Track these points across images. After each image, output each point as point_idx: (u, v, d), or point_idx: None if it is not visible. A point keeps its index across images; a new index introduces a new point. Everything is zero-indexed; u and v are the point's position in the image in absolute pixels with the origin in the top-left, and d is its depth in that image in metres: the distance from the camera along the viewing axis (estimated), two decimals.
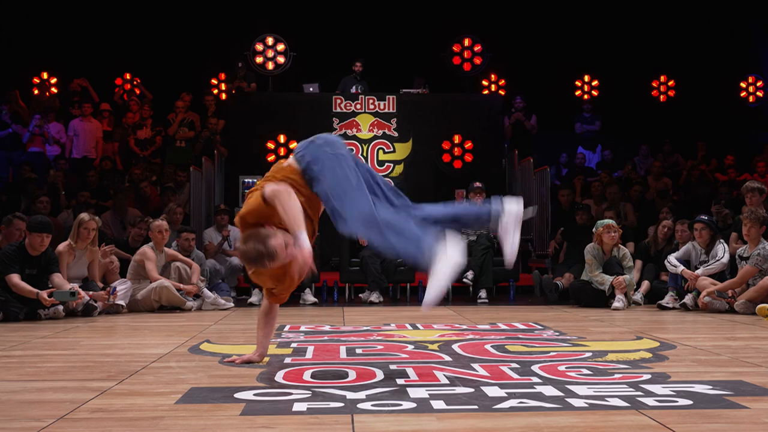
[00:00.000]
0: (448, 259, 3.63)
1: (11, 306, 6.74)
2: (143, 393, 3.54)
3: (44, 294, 6.66)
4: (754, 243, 7.31)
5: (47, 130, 12.71)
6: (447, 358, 4.51)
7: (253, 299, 8.77)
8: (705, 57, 14.86)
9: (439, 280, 3.61)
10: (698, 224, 7.88)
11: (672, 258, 7.96)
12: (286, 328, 6.27)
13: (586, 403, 3.21)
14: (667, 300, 7.85)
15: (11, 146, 12.72)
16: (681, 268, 7.80)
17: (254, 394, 3.42)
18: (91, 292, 7.25)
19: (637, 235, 9.56)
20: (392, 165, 11.96)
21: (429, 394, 3.41)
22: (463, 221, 4.30)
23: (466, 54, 12.86)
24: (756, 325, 6.33)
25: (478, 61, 12.85)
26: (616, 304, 7.77)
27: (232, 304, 8.32)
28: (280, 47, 12.32)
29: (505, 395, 3.38)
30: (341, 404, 3.22)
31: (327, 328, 6.28)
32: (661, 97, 15.45)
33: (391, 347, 5.02)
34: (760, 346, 5.03)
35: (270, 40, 12.33)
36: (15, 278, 6.76)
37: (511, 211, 4.04)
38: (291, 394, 3.43)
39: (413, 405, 3.21)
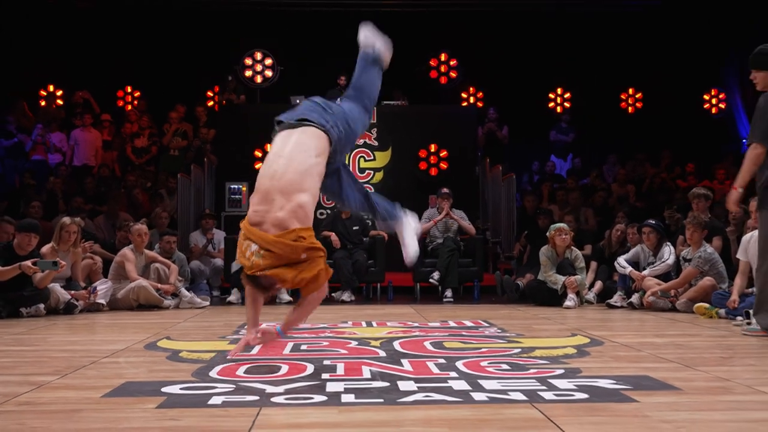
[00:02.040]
0: (411, 222, 4.56)
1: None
2: (77, 387, 3.49)
3: (28, 263, 6.64)
4: (696, 246, 7.27)
5: (49, 140, 12.71)
6: (382, 354, 4.46)
7: (231, 298, 8.75)
8: (671, 71, 14.80)
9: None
10: (646, 228, 7.86)
11: (621, 260, 7.95)
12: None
13: (487, 396, 3.17)
14: (615, 299, 7.82)
15: (17, 155, 12.72)
16: (629, 269, 7.77)
17: (180, 388, 3.38)
18: (72, 291, 7.24)
19: (597, 238, 9.52)
20: (372, 172, 11.91)
21: (344, 389, 3.36)
22: (379, 214, 4.51)
23: (442, 68, 12.84)
24: (691, 323, 6.28)
25: (453, 74, 12.83)
26: (567, 302, 7.75)
27: (208, 303, 8.30)
28: (268, 62, 12.28)
29: (416, 389, 3.33)
30: (257, 398, 3.17)
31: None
32: (630, 108, 15.41)
33: (335, 343, 4.97)
34: (683, 343, 5.00)
35: (258, 55, 12.30)
36: None
37: (410, 223, 4.56)
38: (215, 388, 3.37)
39: (324, 398, 3.17)
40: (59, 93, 14.73)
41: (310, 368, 3.94)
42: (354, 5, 14.45)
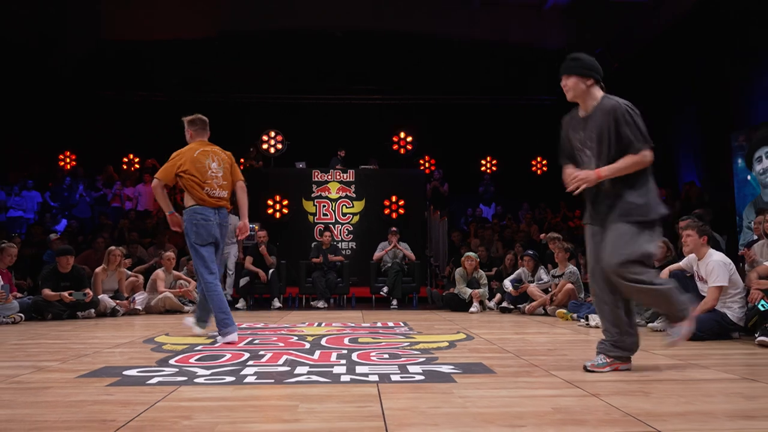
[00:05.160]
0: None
1: (57, 309, 6.66)
2: (64, 370, 3.37)
3: (66, 294, 6.58)
4: (564, 264, 7.19)
5: (124, 192, 12.73)
6: (306, 346, 4.35)
7: (238, 305, 8.66)
8: None
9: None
10: (526, 256, 7.79)
11: (506, 281, 7.77)
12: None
13: (350, 378, 3.08)
14: (504, 304, 7.70)
15: (101, 203, 12.75)
16: (510, 288, 7.63)
17: (137, 371, 3.27)
18: (117, 300, 7.16)
19: (503, 263, 9.43)
20: (351, 216, 11.87)
21: (255, 372, 3.25)
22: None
23: (402, 143, 12.89)
24: (550, 324, 6.14)
25: (410, 147, 12.89)
26: (472, 309, 7.66)
27: None
28: (279, 138, 12.37)
29: (305, 372, 3.24)
30: (185, 378, 3.07)
31: (261, 325, 6.06)
32: (538, 171, 15.40)
33: (281, 338, 4.82)
34: (529, 339, 4.88)
35: (272, 133, 12.40)
36: (46, 291, 6.66)
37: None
38: (162, 372, 3.25)
39: (233, 379, 3.07)
40: (136, 160, 14.81)
41: (246, 356, 3.84)
42: (343, 98, 14.63)
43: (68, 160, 14.22)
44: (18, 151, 12.81)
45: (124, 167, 14.64)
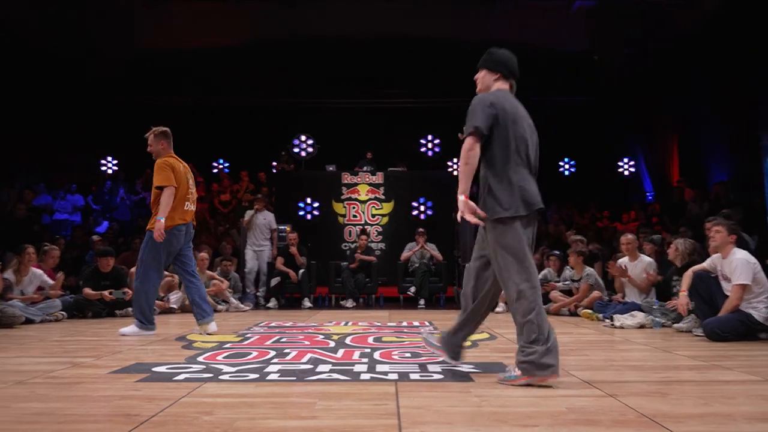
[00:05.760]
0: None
1: (97, 308, 6.81)
2: (97, 366, 3.44)
3: (106, 293, 6.72)
4: (579, 269, 7.07)
5: None
6: (331, 345, 4.36)
7: (270, 304, 8.74)
8: (595, 145, 14.62)
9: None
10: (552, 256, 7.67)
11: None
12: (264, 322, 6.17)
13: (370, 376, 3.08)
14: None
15: (140, 206, 12.99)
16: None
17: (166, 368, 3.31)
18: None
19: None
20: (380, 217, 11.86)
21: (278, 369, 3.27)
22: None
23: (429, 145, 12.83)
24: (575, 324, 6.04)
25: (437, 149, 12.81)
26: (498, 309, 7.53)
27: (250, 308, 8.26)
28: (310, 141, 12.41)
29: (327, 371, 3.24)
30: (211, 375, 3.11)
31: (289, 324, 6.10)
32: (566, 172, 15.18)
33: (308, 337, 4.84)
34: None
35: (303, 137, 12.42)
36: (87, 290, 6.82)
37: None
38: (189, 369, 3.29)
39: (256, 376, 3.09)
40: None
41: (271, 354, 3.86)
42: (372, 101, 14.64)
43: (110, 165, 14.53)
44: (63, 157, 13.15)
45: None
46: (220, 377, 3.07)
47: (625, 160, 14.89)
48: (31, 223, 10.03)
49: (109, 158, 14.55)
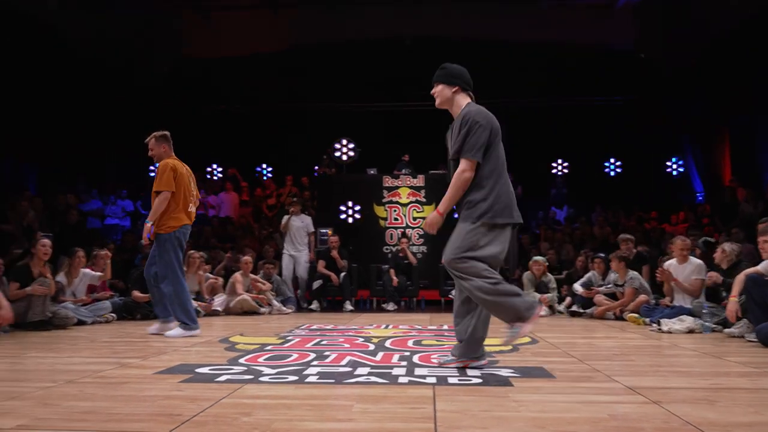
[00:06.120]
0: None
1: (146, 309, 6.99)
2: (143, 366, 3.52)
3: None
4: (623, 273, 6.89)
5: (208, 200, 13.24)
6: (370, 347, 4.38)
7: (312, 306, 8.82)
8: (642, 144, 14.26)
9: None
10: (597, 259, 7.50)
11: (576, 285, 7.53)
12: (305, 325, 6.22)
13: (408, 380, 3.07)
14: (574, 308, 7.44)
15: None
16: (581, 290, 7.38)
17: (209, 369, 3.36)
18: (198, 302, 7.43)
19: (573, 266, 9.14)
20: (421, 220, 11.81)
21: (317, 372, 3.29)
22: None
23: None
24: (620, 328, 5.90)
25: None
26: (541, 313, 7.42)
27: (292, 311, 8.33)
28: (351, 145, 12.49)
29: (366, 373, 3.25)
30: (251, 376, 3.16)
31: (330, 326, 6.14)
32: (611, 173, 14.85)
33: (348, 340, 4.87)
34: (596, 343, 4.72)
35: (344, 141, 12.52)
36: (136, 293, 7.00)
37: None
38: (231, 370, 3.34)
39: (296, 378, 3.12)
40: (219, 169, 15.39)
41: (311, 356, 3.89)
42: (412, 104, 14.60)
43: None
44: (114, 163, 13.59)
45: (207, 177, 15.22)
46: (261, 379, 3.11)
47: (674, 159, 14.49)
48: (82, 227, 10.38)
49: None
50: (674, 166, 14.44)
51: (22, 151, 11.25)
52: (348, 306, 8.82)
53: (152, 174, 14.51)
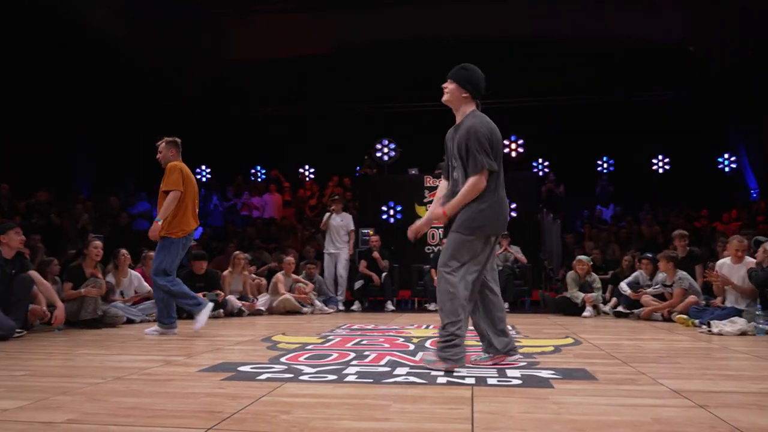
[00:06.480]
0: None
1: None
2: (189, 364, 3.60)
3: (200, 295, 7.00)
4: (671, 273, 6.68)
5: (252, 202, 13.47)
6: (410, 347, 4.38)
7: (354, 307, 8.87)
8: (692, 141, 13.83)
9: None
10: (644, 259, 7.32)
11: (623, 284, 7.38)
12: (346, 325, 6.26)
13: (446, 380, 3.05)
14: (619, 308, 7.27)
15: (232, 212, 13.57)
16: (628, 291, 7.22)
17: (250, 368, 3.41)
18: (243, 301, 7.57)
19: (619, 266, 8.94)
20: None
21: (356, 371, 3.30)
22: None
23: (513, 146, 12.62)
24: (667, 330, 5.73)
25: (521, 150, 12.59)
26: (585, 313, 7.32)
27: (333, 311, 8.39)
28: (392, 145, 12.53)
29: (404, 373, 3.25)
30: (292, 375, 3.19)
31: (371, 326, 6.16)
32: (659, 170, 14.45)
33: (387, 340, 4.87)
34: (642, 345, 4.59)
35: (385, 141, 12.58)
36: None
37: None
38: (272, 369, 3.38)
39: (335, 377, 3.14)
40: (263, 171, 15.65)
41: (351, 356, 3.91)
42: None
43: (203, 173, 15.28)
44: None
45: (252, 178, 15.50)
46: (300, 377, 3.14)
47: (726, 155, 14.01)
48: (130, 229, 10.70)
49: (203, 167, 15.29)
50: (726, 162, 13.96)
51: (79, 152, 11.73)
52: (389, 306, 8.84)
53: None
